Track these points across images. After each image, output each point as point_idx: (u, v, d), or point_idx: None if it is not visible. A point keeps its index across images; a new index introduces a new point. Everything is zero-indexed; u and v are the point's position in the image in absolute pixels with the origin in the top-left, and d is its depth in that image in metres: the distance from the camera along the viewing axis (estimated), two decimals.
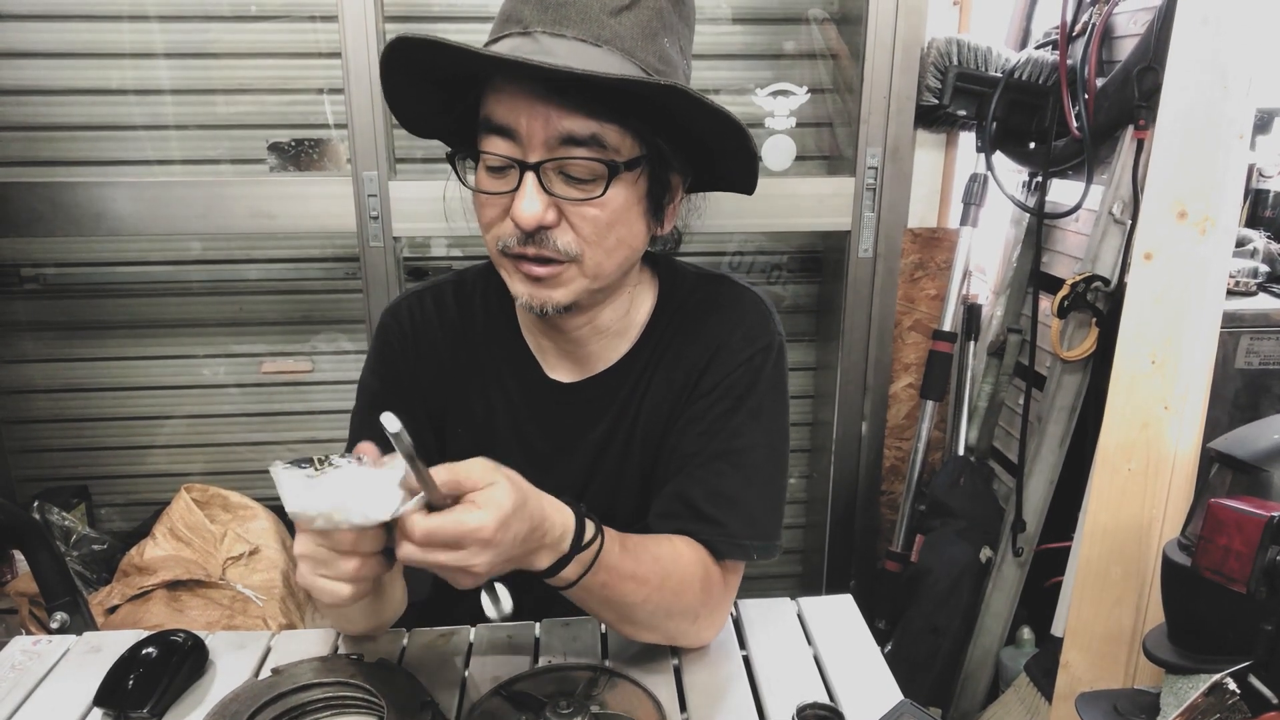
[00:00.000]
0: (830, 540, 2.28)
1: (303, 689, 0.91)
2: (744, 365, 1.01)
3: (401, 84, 0.92)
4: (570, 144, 0.84)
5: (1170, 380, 1.54)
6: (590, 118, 0.84)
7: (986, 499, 2.10)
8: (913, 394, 2.31)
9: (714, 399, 1.01)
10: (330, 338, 2.25)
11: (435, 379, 1.06)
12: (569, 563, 0.82)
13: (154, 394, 2.24)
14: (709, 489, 0.98)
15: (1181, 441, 1.55)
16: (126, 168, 2.07)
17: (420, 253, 2.20)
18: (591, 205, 0.87)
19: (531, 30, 0.84)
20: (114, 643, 1.02)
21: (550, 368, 1.05)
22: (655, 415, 1.04)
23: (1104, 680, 1.60)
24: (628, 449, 1.05)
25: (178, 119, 2.06)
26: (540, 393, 1.05)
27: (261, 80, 2.05)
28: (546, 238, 0.87)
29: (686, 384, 1.03)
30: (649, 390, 1.04)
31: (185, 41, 2.01)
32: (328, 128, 2.09)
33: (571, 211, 0.87)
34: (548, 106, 0.83)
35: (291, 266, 2.20)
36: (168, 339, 2.21)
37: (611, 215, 0.89)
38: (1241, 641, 0.82)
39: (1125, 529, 1.57)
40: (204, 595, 1.88)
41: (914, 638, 2.09)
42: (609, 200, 0.88)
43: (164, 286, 2.18)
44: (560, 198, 0.86)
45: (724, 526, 0.97)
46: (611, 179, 0.86)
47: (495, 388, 1.06)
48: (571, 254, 0.88)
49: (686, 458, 1.00)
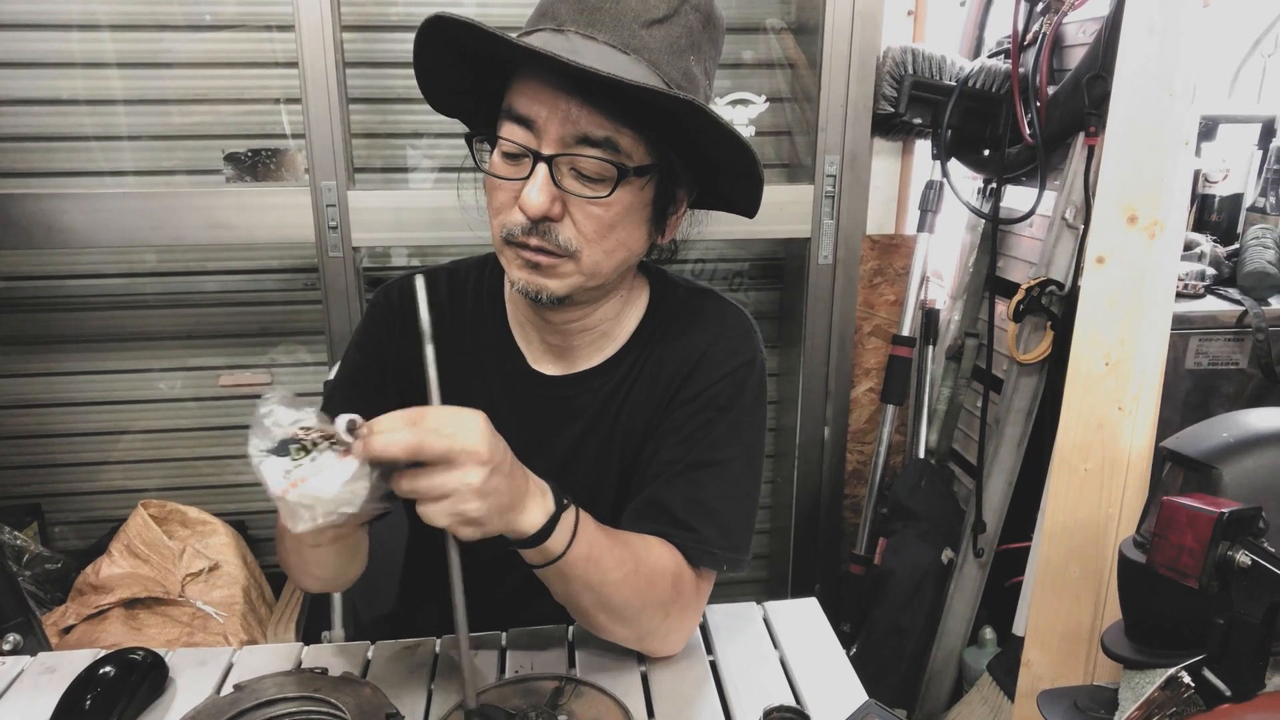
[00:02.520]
0: (795, 544, 2.30)
1: (266, 704, 0.89)
2: (726, 378, 1.03)
3: (432, 58, 0.93)
4: (585, 143, 0.87)
5: (1124, 381, 1.57)
6: (608, 120, 0.86)
7: (947, 501, 2.13)
8: (873, 398, 2.33)
9: (695, 408, 1.02)
10: (289, 349, 2.22)
11: (417, 360, 1.06)
12: (558, 522, 0.82)
13: (109, 409, 2.20)
14: (686, 497, 0.98)
15: (1135, 441, 1.58)
16: (79, 179, 2.03)
17: (380, 263, 2.18)
18: (597, 204, 0.89)
19: (565, 29, 0.86)
20: (70, 663, 1.00)
21: (534, 360, 1.07)
22: (635, 420, 1.05)
23: (1065, 677, 1.62)
24: (605, 450, 1.06)
25: (131, 130, 2.03)
26: (521, 383, 1.06)
27: (217, 90, 2.02)
28: (549, 230, 0.89)
29: (668, 391, 1.04)
30: (630, 394, 1.05)
31: (138, 51, 1.98)
32: (285, 138, 2.07)
33: (576, 208, 0.89)
34: (569, 104, 0.86)
35: (249, 278, 2.17)
36: (123, 353, 2.17)
37: (615, 217, 0.91)
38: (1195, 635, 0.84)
39: (1083, 528, 1.60)
40: (163, 613, 1.85)
41: (878, 639, 2.10)
42: (614, 202, 0.90)
43: (118, 300, 2.14)
44: (568, 192, 0.88)
45: (699, 533, 0.98)
46: (620, 182, 0.88)
47: (476, 374, 1.07)
48: (570, 249, 0.90)
49: (665, 464, 1.01)
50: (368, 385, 1.08)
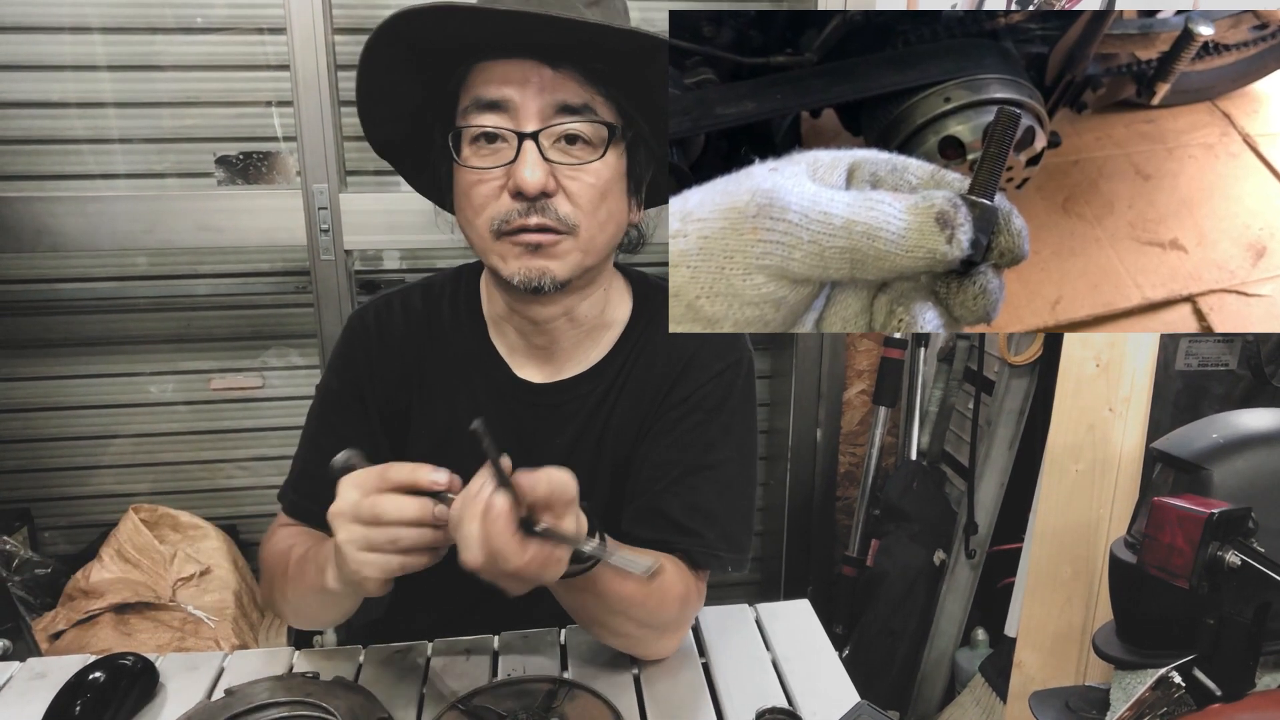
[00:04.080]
0: (787, 546, 2.30)
1: (258, 709, 0.89)
2: (715, 379, 1.02)
3: (382, 70, 0.92)
4: (566, 111, 0.88)
5: (1115, 383, 1.58)
6: (583, 85, 0.88)
7: (939, 502, 2.13)
8: (865, 400, 2.33)
9: (685, 410, 1.02)
10: (281, 353, 2.22)
11: (398, 381, 1.06)
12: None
13: (99, 413, 2.19)
14: (685, 503, 0.98)
15: (1126, 442, 1.58)
16: (68, 182, 2.02)
17: (372, 265, 2.18)
18: (588, 172, 0.89)
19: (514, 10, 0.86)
20: (60, 668, 1.00)
21: (519, 367, 1.05)
22: (625, 424, 1.04)
23: (1057, 678, 1.63)
24: (597, 456, 1.05)
25: (122, 132, 2.02)
26: (508, 393, 1.05)
27: (208, 93, 2.02)
28: (547, 206, 0.89)
29: (657, 395, 1.04)
30: (620, 399, 1.04)
31: (129, 54, 1.97)
32: (276, 140, 2.06)
33: (568, 180, 0.89)
34: (540, 76, 0.87)
35: (240, 281, 2.16)
36: (113, 356, 2.16)
37: (605, 184, 0.91)
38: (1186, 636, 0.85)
39: (1074, 529, 1.61)
40: (154, 618, 1.84)
41: (871, 641, 2.11)
42: (605, 166, 0.90)
43: (108, 303, 2.13)
44: (559, 163, 0.89)
45: (702, 538, 0.98)
46: (609, 142, 0.90)
47: (461, 389, 1.06)
48: (570, 223, 0.90)
49: (659, 468, 1.01)
50: (348, 411, 1.06)
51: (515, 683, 0.95)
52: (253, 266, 2.16)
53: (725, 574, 1.01)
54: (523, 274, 0.91)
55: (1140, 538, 0.97)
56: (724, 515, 1.00)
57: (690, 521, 0.98)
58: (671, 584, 0.95)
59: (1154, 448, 1.21)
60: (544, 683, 0.94)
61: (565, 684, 0.94)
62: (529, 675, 0.97)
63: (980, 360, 2.07)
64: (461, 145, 0.91)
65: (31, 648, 1.45)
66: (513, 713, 0.85)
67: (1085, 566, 1.61)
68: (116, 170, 2.04)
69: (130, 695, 0.93)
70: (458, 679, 0.98)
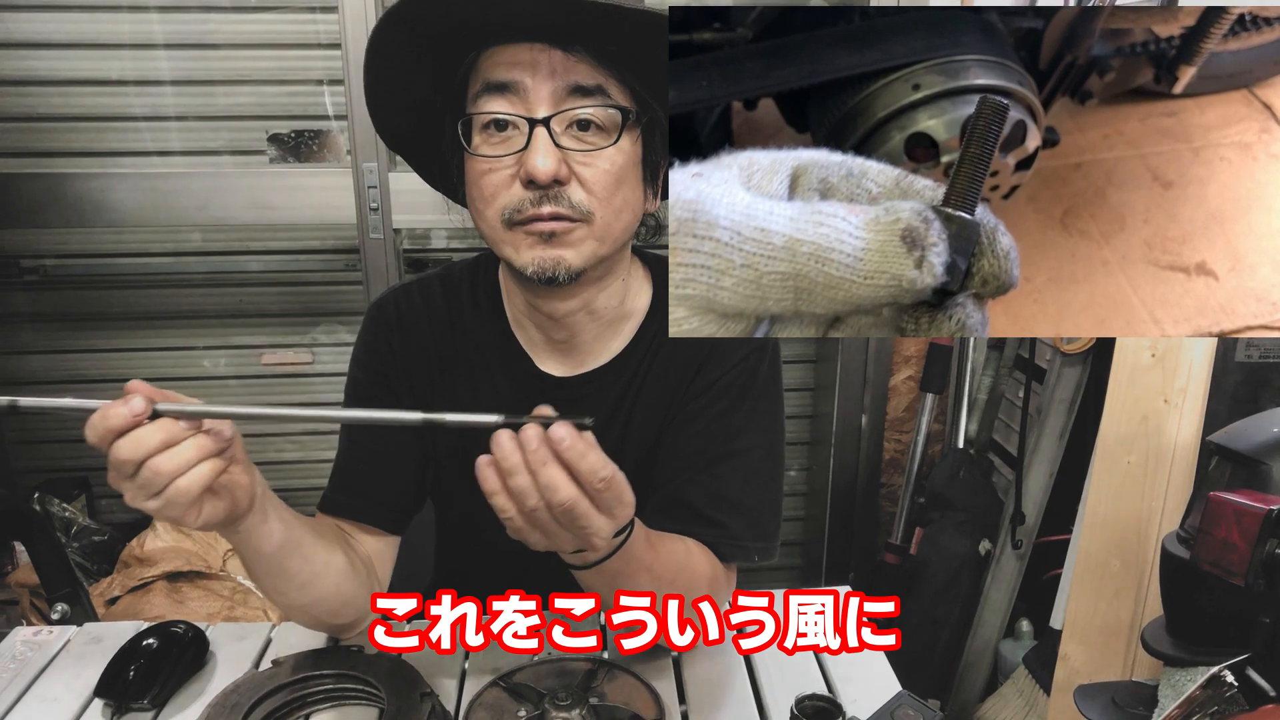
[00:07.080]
0: (829, 532, 2.29)
1: (303, 680, 0.91)
2: (739, 365, 1.01)
3: (392, 56, 0.90)
4: (579, 94, 0.85)
5: (1170, 373, 1.54)
6: (595, 68, 0.85)
7: (986, 491, 2.11)
8: (912, 386, 2.31)
9: (710, 398, 1.01)
10: (330, 329, 2.25)
11: (422, 371, 1.06)
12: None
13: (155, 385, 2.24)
14: (710, 492, 0.98)
15: (1181, 434, 1.55)
16: (126, 159, 2.06)
17: (420, 244, 2.20)
18: (602, 158, 0.87)
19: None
20: (114, 634, 1.02)
21: (541, 361, 1.04)
22: (649, 414, 1.03)
23: (1102, 673, 1.60)
24: (619, 447, 1.04)
25: (177, 110, 2.06)
26: (530, 386, 1.03)
27: (261, 71, 2.05)
28: (560, 194, 0.86)
29: (681, 382, 1.02)
30: (643, 388, 1.03)
31: (184, 32, 2.00)
32: (328, 119, 2.08)
33: (582, 166, 0.86)
34: (551, 58, 0.84)
35: (291, 258, 2.20)
36: (167, 330, 2.21)
37: (620, 171, 0.88)
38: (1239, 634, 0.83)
39: (1124, 522, 1.58)
40: (204, 586, 1.88)
41: (913, 630, 2.09)
42: (618, 153, 0.87)
43: (164, 278, 2.18)
44: (571, 149, 0.86)
45: (726, 528, 0.97)
46: (624, 127, 0.87)
47: (484, 381, 1.05)
48: (584, 211, 0.87)
49: (685, 458, 1.00)
50: (377, 402, 1.05)
51: (555, 661, 0.95)
52: (303, 244, 2.19)
53: (753, 563, 1.00)
54: (536, 264, 0.88)
55: (1194, 533, 0.95)
56: (750, 503, 0.99)
57: (715, 511, 0.97)
58: (698, 564, 0.94)
59: (1211, 440, 1.18)
60: (584, 662, 0.95)
61: (605, 664, 0.94)
62: (569, 654, 0.98)
63: (1032, 348, 2.03)
64: (472, 134, 0.89)
65: (89, 612, 1.50)
66: (553, 691, 0.86)
67: (1135, 560, 1.58)
68: (172, 147, 2.08)
69: (182, 662, 0.95)
70: (499, 656, 0.99)
